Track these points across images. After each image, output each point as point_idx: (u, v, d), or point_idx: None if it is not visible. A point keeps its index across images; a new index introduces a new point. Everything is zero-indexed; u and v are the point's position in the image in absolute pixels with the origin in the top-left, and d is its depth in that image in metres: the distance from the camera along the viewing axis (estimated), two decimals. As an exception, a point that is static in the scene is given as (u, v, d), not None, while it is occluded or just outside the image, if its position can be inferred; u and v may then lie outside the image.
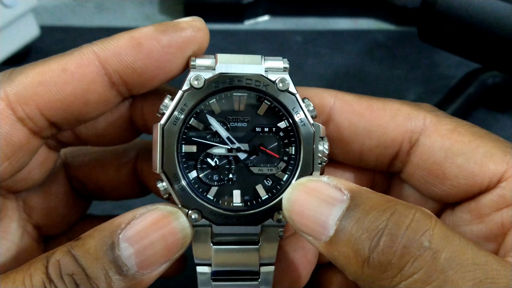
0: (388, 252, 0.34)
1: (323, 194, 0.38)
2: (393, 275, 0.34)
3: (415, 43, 0.78)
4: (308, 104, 0.43)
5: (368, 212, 0.36)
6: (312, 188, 0.38)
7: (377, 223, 0.35)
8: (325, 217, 0.37)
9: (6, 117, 0.40)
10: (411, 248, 0.34)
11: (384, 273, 0.34)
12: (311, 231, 0.37)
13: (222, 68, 0.43)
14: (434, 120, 0.44)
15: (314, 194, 0.38)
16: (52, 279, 0.36)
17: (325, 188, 0.38)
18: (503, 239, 0.41)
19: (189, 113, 0.42)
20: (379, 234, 0.34)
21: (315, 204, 0.38)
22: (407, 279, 0.34)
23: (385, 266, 0.34)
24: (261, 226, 0.42)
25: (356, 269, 0.35)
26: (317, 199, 0.38)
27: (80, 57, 0.41)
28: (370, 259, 0.34)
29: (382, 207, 0.36)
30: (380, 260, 0.34)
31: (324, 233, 0.37)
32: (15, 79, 0.41)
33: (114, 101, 0.44)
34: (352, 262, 0.35)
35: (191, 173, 0.43)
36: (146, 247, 0.38)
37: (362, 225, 0.35)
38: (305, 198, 0.38)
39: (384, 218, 0.35)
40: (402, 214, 0.35)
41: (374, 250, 0.34)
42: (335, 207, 0.37)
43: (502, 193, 0.41)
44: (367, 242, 0.35)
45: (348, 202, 0.37)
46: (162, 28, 0.42)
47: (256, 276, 0.45)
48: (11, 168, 0.42)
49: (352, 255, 0.35)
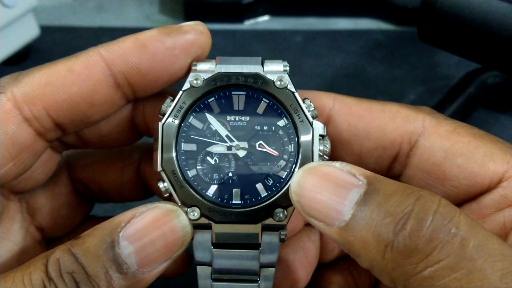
0: (416, 236, 0.33)
1: (337, 178, 0.36)
2: (418, 260, 0.33)
3: (415, 43, 0.78)
4: (308, 104, 0.43)
5: (390, 196, 0.35)
6: (324, 172, 0.37)
7: (402, 207, 0.34)
8: (339, 202, 0.35)
9: (13, 117, 0.41)
10: (440, 234, 0.33)
11: (409, 258, 0.33)
12: (323, 216, 0.36)
13: (222, 68, 0.44)
14: (433, 121, 0.44)
15: (327, 178, 0.37)
16: (51, 277, 0.36)
17: (339, 172, 0.37)
18: (506, 239, 0.41)
19: (188, 110, 0.43)
20: (405, 217, 0.33)
21: (328, 189, 0.36)
22: (433, 265, 0.33)
23: (410, 251, 0.33)
24: (261, 226, 0.42)
25: (375, 254, 0.34)
26: (331, 184, 0.36)
27: (86, 59, 0.42)
28: (394, 243, 0.33)
29: (405, 192, 0.35)
30: (406, 244, 0.33)
31: (338, 218, 0.35)
32: (22, 80, 0.41)
33: (119, 103, 0.45)
34: (371, 247, 0.34)
35: (191, 171, 0.43)
36: (146, 245, 0.38)
37: (384, 209, 0.34)
38: (316, 182, 0.37)
39: (410, 202, 0.34)
40: (428, 199, 0.34)
41: (400, 233, 0.33)
42: (351, 192, 0.36)
43: (504, 193, 0.41)
44: (391, 226, 0.33)
45: (365, 187, 0.36)
46: (166, 31, 0.43)
47: (257, 278, 0.45)
48: (15, 169, 0.42)
49: (372, 240, 0.34)
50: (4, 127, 0.41)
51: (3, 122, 0.41)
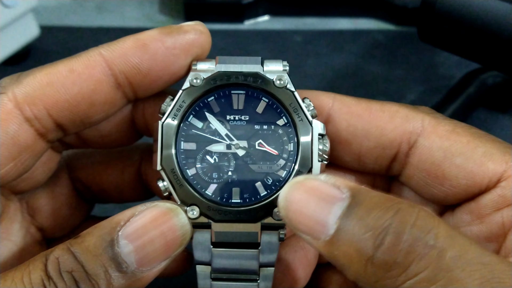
0: (394, 251, 0.33)
1: (322, 192, 0.37)
2: (398, 274, 0.33)
3: (415, 43, 0.78)
4: (308, 104, 0.43)
5: (371, 210, 0.35)
6: (310, 186, 0.38)
7: (381, 221, 0.34)
8: (324, 216, 0.36)
9: (14, 117, 0.41)
10: (416, 247, 0.33)
11: (389, 272, 0.34)
12: (310, 230, 0.37)
13: (222, 68, 0.44)
14: (432, 121, 0.44)
15: (312, 193, 0.37)
16: (51, 276, 0.36)
17: (323, 186, 0.37)
18: (504, 239, 0.41)
19: (188, 109, 0.43)
20: (384, 232, 0.34)
21: (313, 203, 0.37)
22: (412, 278, 0.33)
23: (390, 265, 0.33)
24: (260, 225, 0.42)
25: (358, 268, 0.35)
26: (316, 198, 0.37)
27: (87, 59, 0.42)
28: (374, 258, 0.34)
29: (385, 205, 0.35)
30: (385, 259, 0.34)
31: (323, 232, 0.36)
32: (23, 80, 0.42)
33: (119, 104, 0.45)
34: (354, 261, 0.35)
35: (190, 170, 0.43)
36: (146, 244, 0.38)
37: (364, 223, 0.35)
38: (302, 197, 0.37)
39: (388, 217, 0.34)
40: (406, 212, 0.35)
41: (379, 248, 0.34)
42: (335, 206, 0.36)
43: (502, 192, 0.41)
44: (371, 241, 0.34)
45: (348, 200, 0.36)
46: (166, 30, 0.43)
47: (256, 277, 0.45)
48: (16, 169, 0.42)
49: (354, 254, 0.35)
50: (5, 127, 0.41)
51: (4, 122, 0.41)
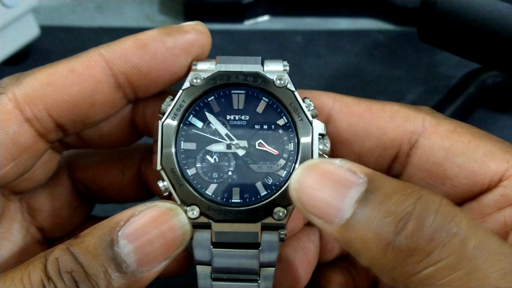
0: (417, 236, 0.33)
1: (338, 175, 0.36)
2: (419, 260, 0.33)
3: (415, 43, 0.78)
4: (308, 104, 0.43)
5: (391, 195, 0.34)
6: (324, 169, 0.37)
7: (403, 206, 0.34)
8: (340, 200, 0.35)
9: (14, 117, 0.41)
10: (441, 233, 0.33)
11: (410, 257, 0.33)
12: (323, 214, 0.36)
13: (222, 67, 0.44)
14: (433, 121, 0.44)
15: (327, 176, 0.36)
16: (50, 276, 0.36)
17: (339, 170, 0.36)
18: (506, 238, 0.41)
19: (188, 109, 0.43)
20: (407, 217, 0.33)
21: (328, 186, 0.36)
22: (433, 264, 0.33)
23: (411, 250, 0.33)
24: (261, 225, 0.42)
25: (375, 253, 0.34)
26: (331, 181, 0.36)
27: (87, 59, 0.42)
28: (395, 243, 0.33)
29: (406, 191, 0.35)
30: (408, 244, 0.33)
31: (338, 215, 0.35)
32: (23, 81, 0.42)
33: (119, 104, 0.45)
34: (371, 246, 0.34)
35: (190, 169, 0.43)
36: (145, 244, 0.38)
37: (385, 208, 0.34)
38: (316, 179, 0.36)
39: (411, 202, 0.34)
40: (429, 199, 0.34)
41: (401, 233, 0.33)
42: (352, 190, 0.35)
43: (504, 192, 0.41)
44: (392, 225, 0.33)
45: (366, 185, 0.35)
46: (166, 31, 0.43)
47: (256, 277, 0.45)
48: (16, 170, 0.42)
49: (372, 239, 0.34)
50: (5, 127, 0.41)
51: (4, 123, 0.41)
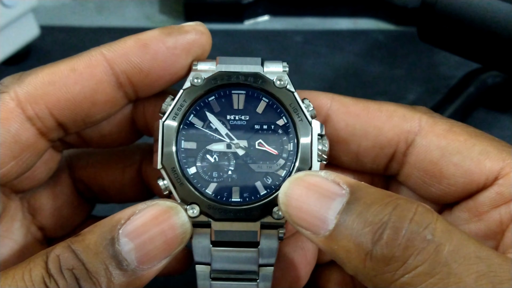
0: (392, 245, 0.34)
1: (322, 188, 0.37)
2: (396, 268, 0.34)
3: (415, 43, 0.78)
4: (307, 104, 0.44)
5: (370, 206, 0.35)
6: (310, 182, 0.38)
7: (380, 216, 0.35)
8: (324, 211, 0.37)
9: (15, 116, 0.41)
10: (415, 241, 0.34)
11: (387, 266, 0.34)
12: (309, 225, 0.37)
13: (222, 68, 0.44)
14: (429, 121, 0.45)
15: (312, 189, 0.38)
16: (51, 273, 0.36)
17: (323, 182, 0.38)
18: (502, 236, 0.41)
19: (188, 109, 0.44)
20: (383, 227, 0.34)
21: (313, 199, 0.37)
22: (410, 271, 0.34)
23: (388, 259, 0.34)
24: (260, 224, 0.42)
25: (357, 263, 0.35)
26: (316, 193, 0.37)
27: (89, 58, 0.43)
28: (373, 252, 0.34)
29: (384, 201, 0.36)
30: (384, 253, 0.34)
31: (323, 227, 0.36)
32: (25, 80, 0.42)
33: (120, 103, 0.45)
34: (353, 256, 0.35)
35: (191, 168, 0.43)
36: (146, 242, 0.38)
37: (364, 218, 0.35)
38: (303, 193, 0.38)
39: (387, 212, 0.35)
40: (404, 208, 0.35)
41: (377, 243, 0.34)
42: (335, 201, 0.37)
43: (500, 190, 0.41)
44: (370, 236, 0.34)
45: (348, 196, 0.36)
46: (167, 31, 0.43)
47: (255, 276, 0.45)
48: (17, 168, 0.43)
49: (353, 249, 0.35)
50: (6, 125, 0.41)
51: (5, 121, 0.41)
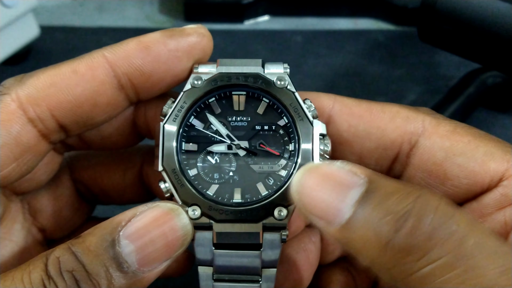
0: (415, 235, 0.33)
1: (338, 177, 0.36)
2: (418, 258, 0.33)
3: (415, 43, 0.78)
4: (309, 105, 0.43)
5: (390, 195, 0.34)
6: (325, 171, 0.37)
7: (402, 205, 0.34)
8: (340, 201, 0.35)
9: (17, 117, 0.41)
10: (439, 231, 0.33)
11: (408, 256, 0.33)
12: (324, 214, 0.36)
13: (223, 70, 0.44)
14: (433, 122, 0.44)
15: (328, 177, 0.37)
16: (51, 275, 0.36)
17: (339, 172, 0.37)
18: (507, 237, 0.41)
19: (188, 110, 0.44)
20: (405, 216, 0.33)
21: (329, 188, 0.36)
22: (432, 263, 0.33)
23: (409, 249, 0.33)
24: (262, 225, 0.42)
25: (375, 252, 0.34)
26: (331, 183, 0.36)
27: (90, 60, 0.43)
28: (393, 242, 0.33)
29: (405, 191, 0.35)
30: (405, 242, 0.33)
31: (338, 216, 0.35)
32: (27, 81, 0.42)
33: (122, 105, 0.45)
34: (371, 245, 0.34)
35: (192, 170, 0.43)
36: (147, 244, 0.38)
37: (384, 208, 0.34)
38: (317, 181, 0.37)
39: (410, 201, 0.34)
40: (428, 197, 0.34)
41: (399, 231, 0.33)
42: (352, 191, 0.35)
43: (504, 191, 0.41)
44: (391, 225, 0.33)
45: (366, 185, 0.35)
46: (169, 33, 0.43)
47: (258, 278, 0.45)
48: (18, 170, 0.42)
49: (372, 238, 0.34)
50: (8, 127, 0.41)
51: (7, 123, 0.41)
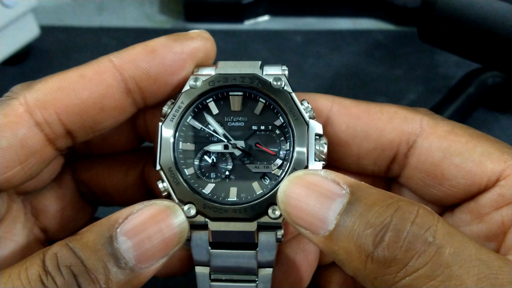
0: (393, 248, 0.34)
1: (321, 187, 0.37)
2: (397, 270, 0.34)
3: (415, 43, 0.78)
4: (306, 106, 0.44)
5: (371, 207, 0.35)
6: (309, 181, 0.38)
7: (381, 218, 0.35)
8: (324, 212, 0.36)
9: (24, 121, 0.41)
10: (416, 244, 0.34)
11: (388, 268, 0.34)
12: (309, 225, 0.37)
13: (221, 71, 0.45)
14: (431, 122, 0.44)
15: (311, 188, 0.37)
16: (49, 271, 0.36)
17: (323, 181, 0.38)
18: (504, 237, 0.41)
19: (186, 110, 0.44)
20: (384, 229, 0.34)
21: (313, 198, 0.37)
22: (411, 274, 0.34)
23: (389, 262, 0.34)
24: (257, 224, 0.42)
25: (358, 264, 0.35)
26: (315, 193, 0.37)
27: (98, 65, 0.43)
28: (374, 255, 0.34)
29: (386, 203, 0.35)
30: (385, 255, 0.34)
31: (323, 227, 0.36)
32: (35, 86, 0.42)
33: (129, 110, 0.45)
34: (354, 257, 0.35)
35: (188, 169, 0.44)
36: (144, 240, 0.38)
37: (365, 220, 0.35)
38: (302, 192, 0.38)
39: (389, 214, 0.35)
40: (406, 210, 0.35)
41: (379, 245, 0.34)
42: (335, 201, 0.36)
43: (501, 191, 0.41)
44: (371, 238, 0.34)
45: (348, 196, 0.36)
46: (173, 37, 0.44)
47: (255, 278, 0.45)
48: (23, 173, 0.42)
49: (354, 250, 0.35)
50: (14, 129, 0.41)
51: (13, 125, 0.41)
